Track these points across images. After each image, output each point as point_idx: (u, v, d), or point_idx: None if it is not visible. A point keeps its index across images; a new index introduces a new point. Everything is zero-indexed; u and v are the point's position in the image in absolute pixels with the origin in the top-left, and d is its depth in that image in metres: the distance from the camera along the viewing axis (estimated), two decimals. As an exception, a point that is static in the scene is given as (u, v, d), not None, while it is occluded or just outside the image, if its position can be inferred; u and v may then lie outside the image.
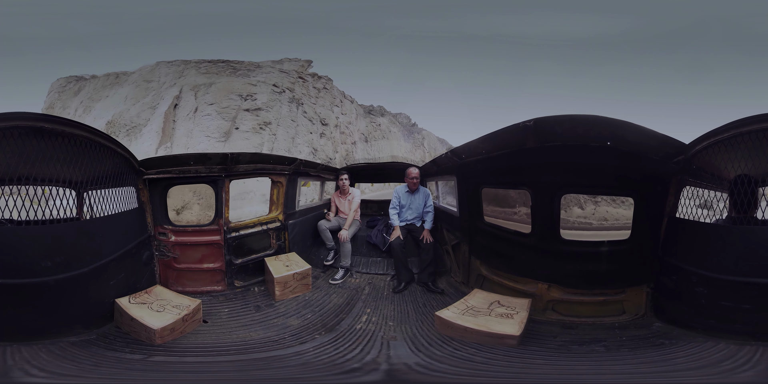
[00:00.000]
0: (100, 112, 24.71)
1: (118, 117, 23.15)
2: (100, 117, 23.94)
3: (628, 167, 2.50)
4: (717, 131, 2.21)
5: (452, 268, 4.08)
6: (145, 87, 24.70)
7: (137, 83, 25.22)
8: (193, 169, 3.45)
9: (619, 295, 2.75)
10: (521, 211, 11.31)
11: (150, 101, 23.53)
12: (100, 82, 27.81)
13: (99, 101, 25.82)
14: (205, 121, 21.71)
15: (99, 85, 27.44)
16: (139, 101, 23.77)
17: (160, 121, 21.85)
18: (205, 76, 24.12)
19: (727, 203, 2.43)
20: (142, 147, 20.46)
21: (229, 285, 3.73)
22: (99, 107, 25.21)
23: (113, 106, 24.52)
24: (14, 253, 2.14)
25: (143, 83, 24.97)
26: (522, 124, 2.43)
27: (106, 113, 24.12)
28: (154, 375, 2.12)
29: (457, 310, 2.82)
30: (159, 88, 24.22)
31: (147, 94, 24.17)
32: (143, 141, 21.46)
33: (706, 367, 1.91)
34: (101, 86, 27.20)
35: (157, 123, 21.90)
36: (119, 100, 24.70)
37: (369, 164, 6.50)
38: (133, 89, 24.78)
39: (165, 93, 23.57)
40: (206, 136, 21.21)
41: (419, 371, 2.16)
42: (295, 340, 2.70)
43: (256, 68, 25.31)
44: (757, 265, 2.06)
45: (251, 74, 24.64)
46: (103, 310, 2.66)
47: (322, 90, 28.27)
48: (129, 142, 21.39)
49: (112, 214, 2.81)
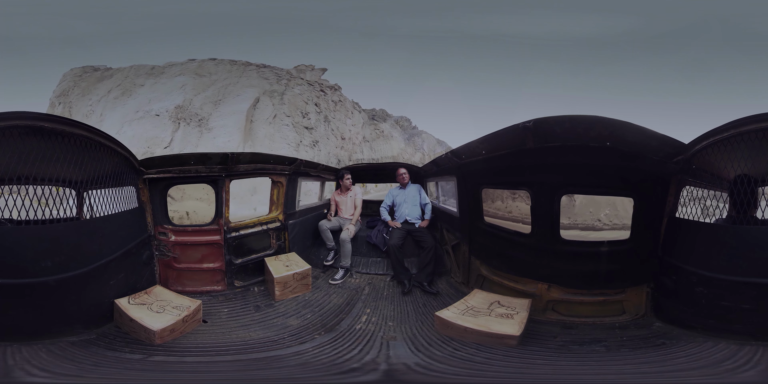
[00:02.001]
0: (152, 95, 26.23)
1: (187, 104, 24.95)
2: (158, 99, 25.62)
3: (628, 167, 2.50)
4: (716, 131, 2.21)
5: (452, 268, 4.08)
6: (199, 81, 26.60)
7: (190, 76, 27.20)
8: (193, 168, 3.45)
9: (619, 295, 2.75)
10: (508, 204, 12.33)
11: (211, 96, 25.47)
12: (131, 71, 29.35)
13: (139, 87, 27.36)
14: (285, 130, 25.20)
15: (132, 74, 28.91)
16: (200, 94, 25.62)
17: (239, 119, 24.07)
18: (266, 81, 27.03)
19: (727, 203, 2.43)
20: (216, 142, 22.79)
21: (229, 285, 3.73)
22: (142, 93, 26.75)
23: (165, 93, 26.14)
24: (14, 253, 2.14)
25: (196, 77, 26.98)
26: (522, 125, 2.43)
27: (164, 97, 25.75)
28: (153, 375, 2.12)
29: (457, 310, 2.82)
30: (217, 84, 26.26)
31: (205, 88, 26.01)
32: (216, 135, 23.47)
33: (706, 367, 1.90)
34: (134, 75, 28.72)
35: (234, 120, 23.98)
36: (173, 87, 26.40)
37: (369, 164, 6.53)
38: (190, 80, 26.74)
39: (234, 91, 25.81)
40: (286, 143, 24.47)
41: (419, 371, 2.16)
42: (294, 340, 2.70)
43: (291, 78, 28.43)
44: (757, 265, 2.05)
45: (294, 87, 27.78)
46: (103, 310, 2.66)
47: (338, 103, 31.42)
48: (200, 134, 23.61)
49: (112, 213, 2.81)
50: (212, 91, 25.65)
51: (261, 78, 27.34)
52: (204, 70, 27.37)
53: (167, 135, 23.76)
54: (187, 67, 27.97)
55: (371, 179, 6.59)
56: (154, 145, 23.17)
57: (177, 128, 23.86)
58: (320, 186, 6.11)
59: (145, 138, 23.43)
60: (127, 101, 26.10)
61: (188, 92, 25.58)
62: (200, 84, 26.25)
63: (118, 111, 25.70)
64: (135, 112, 25.01)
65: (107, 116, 25.80)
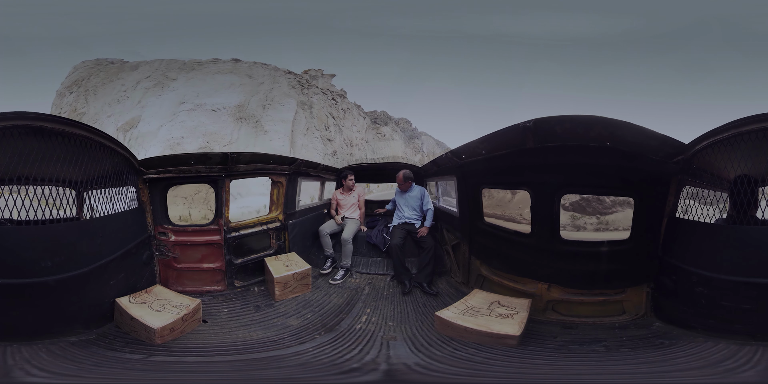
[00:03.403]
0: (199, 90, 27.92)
1: (246, 104, 26.86)
2: (206, 95, 27.33)
3: (628, 167, 2.50)
4: (717, 131, 2.21)
5: (452, 268, 4.08)
6: (248, 82, 28.67)
7: (240, 76, 29.25)
8: (193, 168, 3.45)
9: (619, 295, 2.75)
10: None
11: (261, 99, 27.58)
12: (163, 64, 30.89)
13: (171, 80, 28.90)
14: (315, 142, 27.89)
15: (163, 67, 30.49)
16: (255, 96, 27.69)
17: (286, 127, 26.73)
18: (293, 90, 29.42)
19: (727, 203, 2.43)
20: (272, 144, 24.75)
21: (229, 285, 3.73)
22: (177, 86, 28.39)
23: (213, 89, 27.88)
24: (14, 253, 2.14)
25: (245, 77, 29.05)
26: (522, 125, 2.43)
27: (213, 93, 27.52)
28: (154, 375, 2.12)
29: (457, 310, 2.82)
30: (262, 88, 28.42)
31: (255, 91, 28.10)
32: (272, 138, 25.61)
33: (706, 367, 1.90)
34: (166, 68, 30.31)
35: (283, 127, 26.55)
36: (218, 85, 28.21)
37: (370, 164, 6.54)
38: (239, 79, 28.73)
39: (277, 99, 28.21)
40: (317, 153, 26.69)
41: (419, 371, 2.16)
42: (294, 340, 2.70)
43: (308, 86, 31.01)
44: (757, 265, 2.05)
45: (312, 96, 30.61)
46: (103, 310, 2.66)
47: (347, 111, 34.10)
48: (256, 135, 25.52)
49: (112, 213, 2.81)
50: (262, 95, 27.58)
51: (290, 86, 29.41)
52: (252, 72, 29.23)
53: (228, 132, 25.04)
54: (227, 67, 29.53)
55: (372, 179, 6.59)
56: (214, 141, 24.35)
57: (239, 127, 25.34)
58: (320, 186, 6.11)
59: (203, 132, 24.55)
60: (163, 92, 27.54)
61: (241, 92, 27.25)
62: (249, 85, 27.96)
63: (163, 99, 26.99)
64: (180, 104, 26.25)
65: (149, 103, 27.04)
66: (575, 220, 13.68)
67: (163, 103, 26.77)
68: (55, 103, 32.02)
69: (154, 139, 24.47)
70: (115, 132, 25.70)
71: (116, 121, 26.82)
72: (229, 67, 29.89)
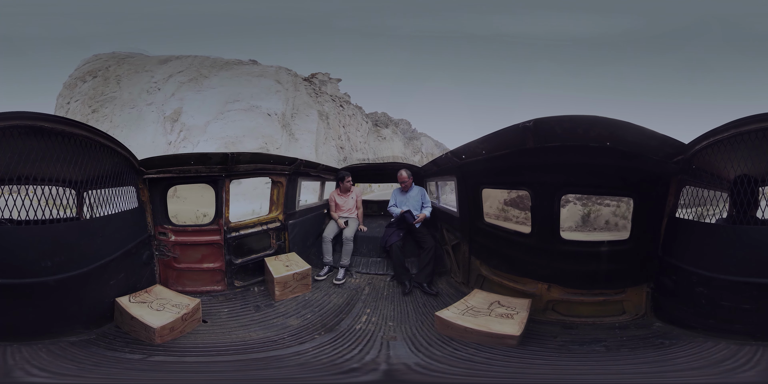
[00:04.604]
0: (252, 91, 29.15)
1: (286, 111, 28.60)
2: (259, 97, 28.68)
3: (628, 167, 2.50)
4: (716, 131, 2.21)
5: (452, 268, 4.08)
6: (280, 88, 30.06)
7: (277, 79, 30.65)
8: (193, 168, 3.45)
9: (619, 295, 2.75)
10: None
11: (291, 108, 29.51)
12: (196, 60, 31.52)
13: (204, 78, 29.80)
14: (332, 150, 30.02)
15: (196, 63, 31.08)
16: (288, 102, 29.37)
17: (311, 137, 28.66)
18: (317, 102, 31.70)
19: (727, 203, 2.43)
20: (303, 151, 26.48)
21: (229, 285, 3.73)
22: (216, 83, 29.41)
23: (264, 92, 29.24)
24: (14, 253, 2.14)
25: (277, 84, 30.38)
26: (522, 125, 2.43)
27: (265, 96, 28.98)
28: (153, 375, 2.12)
29: (457, 310, 2.82)
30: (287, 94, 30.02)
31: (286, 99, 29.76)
32: (302, 146, 27.62)
33: (706, 367, 1.90)
34: (199, 65, 30.96)
35: (308, 137, 28.53)
36: (265, 89, 29.56)
37: (369, 165, 6.53)
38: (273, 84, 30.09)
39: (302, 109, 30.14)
40: (335, 161, 28.45)
41: (419, 371, 2.16)
42: (294, 340, 2.70)
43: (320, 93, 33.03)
44: (757, 265, 2.05)
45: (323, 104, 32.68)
46: (103, 310, 2.66)
47: (352, 117, 36.43)
48: (289, 142, 27.29)
49: (112, 213, 2.81)
50: (290, 103, 29.27)
51: (308, 95, 31.14)
52: (279, 77, 30.48)
53: (279, 137, 26.66)
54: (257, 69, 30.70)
55: (371, 179, 6.59)
56: (270, 143, 25.70)
57: (282, 133, 27.13)
58: (320, 186, 6.11)
59: (262, 134, 25.84)
60: (201, 88, 28.48)
61: (280, 99, 28.79)
62: (282, 92, 29.44)
63: (204, 95, 27.82)
64: (228, 103, 27.20)
65: (186, 96, 27.81)
66: (505, 212, 14.57)
67: (205, 98, 27.47)
68: (63, 93, 32.28)
69: (203, 135, 25.34)
70: (162, 120, 26.40)
71: (157, 109, 27.35)
72: (270, 70, 30.75)
